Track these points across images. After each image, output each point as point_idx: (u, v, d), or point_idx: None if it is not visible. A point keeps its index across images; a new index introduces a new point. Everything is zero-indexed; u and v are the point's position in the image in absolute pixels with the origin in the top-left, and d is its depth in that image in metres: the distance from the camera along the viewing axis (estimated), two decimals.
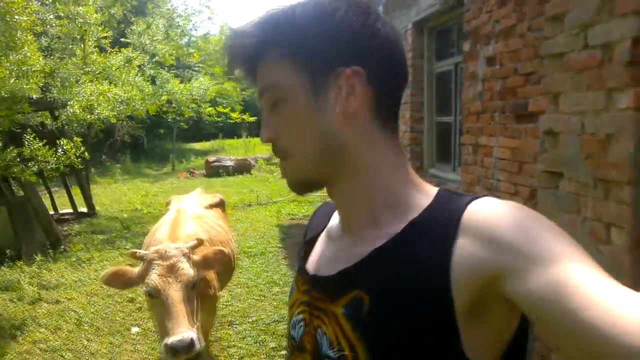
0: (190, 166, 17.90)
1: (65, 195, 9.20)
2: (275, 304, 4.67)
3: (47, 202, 7.76)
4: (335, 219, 0.85)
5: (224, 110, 16.01)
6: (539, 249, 0.54)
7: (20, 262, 5.63)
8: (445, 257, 0.60)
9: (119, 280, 2.24)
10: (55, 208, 8.73)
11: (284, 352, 3.78)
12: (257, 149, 21.46)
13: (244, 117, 11.59)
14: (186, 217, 2.97)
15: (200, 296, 2.46)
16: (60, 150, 5.99)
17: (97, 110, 7.81)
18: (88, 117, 7.76)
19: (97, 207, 9.43)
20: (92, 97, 7.61)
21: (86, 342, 3.93)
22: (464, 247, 0.59)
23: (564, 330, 0.50)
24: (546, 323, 0.52)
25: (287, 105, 0.72)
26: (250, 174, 15.56)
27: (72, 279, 5.38)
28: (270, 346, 3.83)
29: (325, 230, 0.87)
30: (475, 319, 0.60)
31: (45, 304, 4.69)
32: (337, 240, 0.79)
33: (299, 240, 5.51)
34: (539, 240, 0.55)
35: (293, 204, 9.90)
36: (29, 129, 6.03)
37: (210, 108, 13.88)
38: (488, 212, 0.62)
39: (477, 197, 0.65)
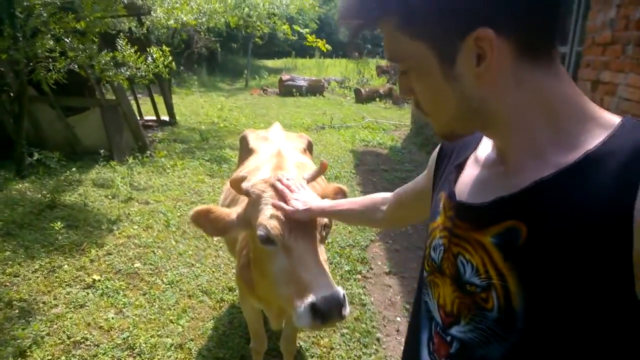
0: (263, 83, 17.91)
1: (149, 103, 9.55)
2: (349, 229, 4.67)
3: (133, 108, 8.08)
4: (486, 145, 0.82)
5: (301, 30, 15.47)
6: None
7: (113, 162, 5.98)
8: (630, 195, 0.55)
9: (211, 225, 1.59)
10: (140, 114, 9.11)
11: (358, 276, 3.83)
12: (330, 70, 21.01)
13: (319, 42, 11.04)
14: (289, 164, 2.22)
15: None
16: (150, 58, 6.07)
17: (179, 16, 7.78)
18: (170, 22, 7.76)
19: (178, 117, 9.74)
20: (177, 5, 7.57)
21: (174, 243, 4.18)
22: None
23: None
24: None
25: (417, 74, 0.71)
26: (323, 95, 15.34)
27: (159, 183, 5.67)
28: (345, 269, 3.88)
29: (474, 155, 0.84)
30: None
31: (136, 204, 5.00)
32: (490, 167, 0.76)
33: (372, 168, 5.40)
34: None
35: (367, 130, 9.72)
36: (121, 34, 6.11)
37: (286, 25, 13.48)
38: None
39: None
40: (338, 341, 2.95)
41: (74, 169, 5.43)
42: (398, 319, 3.24)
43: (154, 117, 9.37)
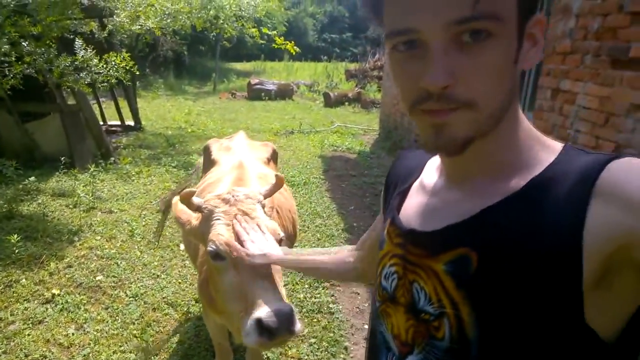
0: (232, 87, 17.75)
1: (113, 107, 9.31)
2: (318, 235, 4.68)
3: (96, 113, 7.84)
4: (430, 171, 0.80)
5: (269, 32, 15.38)
6: None
7: (74, 170, 5.79)
8: (577, 220, 0.55)
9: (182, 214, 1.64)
10: (104, 120, 8.86)
11: (326, 284, 3.83)
12: (300, 74, 21.02)
13: (288, 45, 10.97)
14: (251, 176, 2.17)
15: None
16: (111, 63, 5.91)
17: (143, 21, 7.60)
18: (134, 27, 7.59)
19: (143, 122, 9.53)
20: (140, 8, 7.41)
21: (139, 253, 4.07)
22: (599, 210, 0.54)
23: None
24: None
25: (493, 45, 0.57)
26: (292, 99, 15.33)
27: (124, 191, 5.53)
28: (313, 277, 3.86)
29: (418, 182, 0.81)
30: (603, 287, 0.56)
31: (99, 213, 4.86)
32: (439, 194, 0.74)
33: (341, 174, 5.42)
34: None
35: (336, 135, 9.75)
36: (79, 36, 5.92)
37: (255, 29, 13.42)
38: (632, 174, 0.54)
39: (617, 157, 0.57)
40: (306, 351, 2.94)
41: (32, 178, 5.22)
42: (366, 326, 3.25)
43: (119, 122, 9.14)
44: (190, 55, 22.42)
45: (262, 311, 1.26)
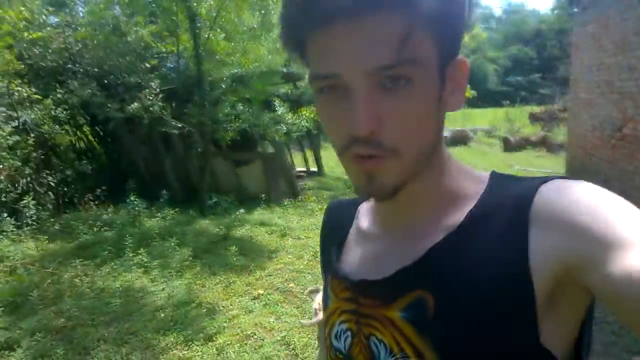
0: None
1: (300, 156, 10.80)
2: None
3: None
4: (365, 218, 0.76)
5: None
6: (617, 234, 0.48)
7: (271, 205, 7.01)
8: (521, 248, 0.55)
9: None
10: (293, 166, 10.35)
11: None
12: (478, 120, 20.86)
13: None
14: None
15: None
16: (302, 116, 7.12)
17: None
18: None
19: (324, 168, 10.78)
20: None
21: None
22: (538, 236, 0.54)
23: None
24: (628, 311, 0.47)
25: (414, 90, 0.55)
26: (468, 145, 15.33)
27: (309, 223, 6.47)
28: None
29: (354, 230, 0.77)
30: (553, 309, 0.55)
31: (290, 239, 5.81)
32: (380, 240, 0.71)
33: None
34: (616, 225, 0.49)
35: None
36: (277, 97, 7.29)
37: None
38: (563, 197, 0.55)
39: (546, 180, 0.58)
40: None
41: (242, 210, 6.53)
42: None
43: (304, 168, 10.54)
44: None
45: None
